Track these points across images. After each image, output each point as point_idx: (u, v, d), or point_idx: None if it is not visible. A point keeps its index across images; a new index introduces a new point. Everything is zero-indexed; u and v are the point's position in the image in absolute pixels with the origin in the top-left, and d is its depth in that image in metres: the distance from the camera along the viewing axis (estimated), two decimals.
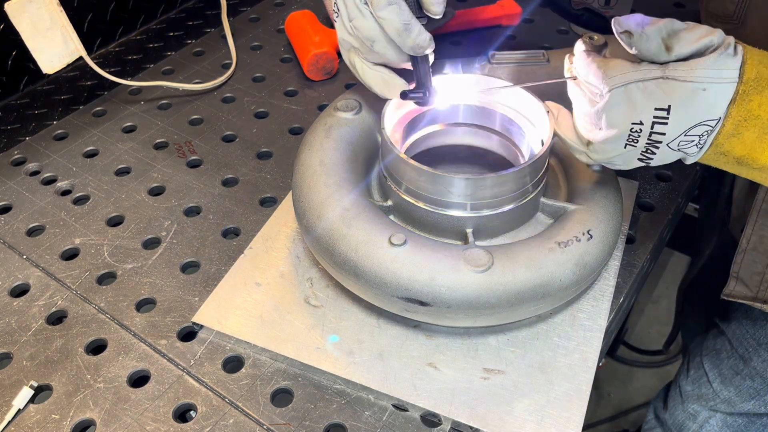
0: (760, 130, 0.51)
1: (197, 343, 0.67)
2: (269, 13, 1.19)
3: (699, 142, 0.53)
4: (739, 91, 0.50)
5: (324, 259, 0.65)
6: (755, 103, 0.50)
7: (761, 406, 0.90)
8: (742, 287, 0.80)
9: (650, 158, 0.56)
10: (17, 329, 0.68)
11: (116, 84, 0.98)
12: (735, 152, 0.53)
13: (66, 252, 0.76)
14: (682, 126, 0.52)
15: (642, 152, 0.55)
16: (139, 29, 1.13)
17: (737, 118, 0.50)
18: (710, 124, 0.51)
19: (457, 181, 0.61)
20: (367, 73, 0.65)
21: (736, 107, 0.50)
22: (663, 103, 0.51)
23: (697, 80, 0.50)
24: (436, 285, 0.58)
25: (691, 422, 1.00)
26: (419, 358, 0.64)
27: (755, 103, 0.50)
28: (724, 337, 0.93)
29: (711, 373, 0.95)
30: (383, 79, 0.65)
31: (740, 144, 0.52)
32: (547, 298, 0.61)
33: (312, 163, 0.67)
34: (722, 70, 0.50)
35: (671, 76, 0.51)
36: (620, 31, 0.53)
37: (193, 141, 0.91)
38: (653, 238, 0.77)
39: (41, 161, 0.88)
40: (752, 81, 0.50)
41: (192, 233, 0.78)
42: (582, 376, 0.63)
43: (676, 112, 0.51)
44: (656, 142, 0.53)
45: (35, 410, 0.61)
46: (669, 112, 0.51)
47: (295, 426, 0.60)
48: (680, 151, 0.54)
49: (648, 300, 1.96)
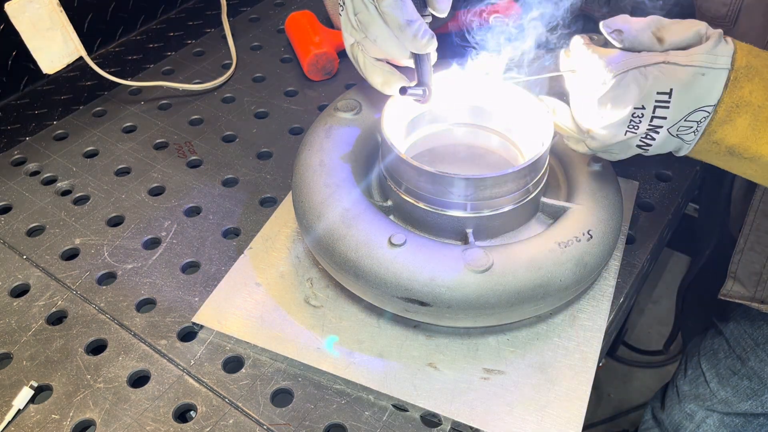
0: (751, 117, 0.52)
1: (197, 343, 0.67)
2: (269, 13, 1.19)
3: (697, 128, 0.54)
4: (730, 78, 0.52)
5: (324, 259, 0.65)
6: (746, 90, 0.52)
7: (758, 406, 0.90)
8: (740, 287, 0.80)
9: (649, 144, 0.57)
10: (17, 329, 0.68)
11: (116, 84, 0.98)
12: (727, 140, 0.54)
13: (66, 252, 0.76)
14: (683, 110, 0.53)
15: (641, 138, 0.56)
16: (139, 29, 1.13)
17: (729, 103, 0.52)
18: (707, 110, 0.53)
19: (457, 181, 0.61)
20: (369, 68, 0.65)
21: (728, 93, 0.52)
22: (665, 87, 0.52)
23: (696, 64, 0.52)
24: (436, 285, 0.58)
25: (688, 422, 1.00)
26: (419, 358, 0.64)
27: (746, 90, 0.52)
28: (722, 337, 0.93)
29: (708, 373, 0.95)
30: (384, 75, 0.65)
31: (732, 131, 0.53)
32: (547, 298, 0.61)
33: (312, 163, 0.67)
34: (718, 56, 0.52)
35: (672, 60, 0.52)
36: (610, 31, 0.55)
37: (193, 141, 0.91)
38: (653, 238, 0.77)
39: (41, 161, 0.88)
40: (743, 69, 0.52)
41: (192, 233, 0.78)
42: (582, 376, 0.63)
43: (677, 96, 0.52)
44: (657, 127, 0.55)
45: (35, 410, 0.61)
46: (671, 96, 0.53)
47: (295, 426, 0.60)
48: (678, 137, 0.55)
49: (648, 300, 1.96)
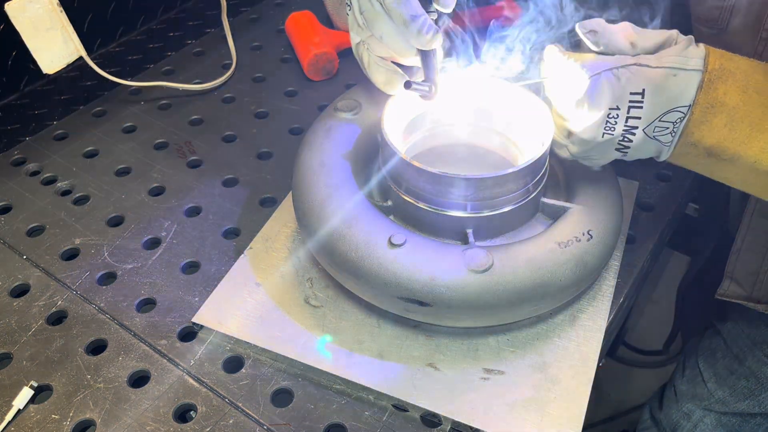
0: (727, 117, 0.53)
1: (197, 344, 0.67)
2: (269, 13, 1.19)
3: (673, 129, 0.55)
4: (704, 80, 0.53)
5: (324, 259, 0.65)
6: (720, 91, 0.53)
7: (755, 406, 0.90)
8: (737, 287, 0.80)
9: (627, 147, 0.58)
10: (17, 329, 0.68)
11: (116, 84, 0.98)
12: (705, 141, 0.55)
13: (66, 252, 0.76)
14: (656, 110, 0.54)
15: (619, 141, 0.57)
16: (139, 29, 1.13)
17: (704, 104, 0.53)
18: (682, 110, 0.54)
19: (457, 181, 0.61)
20: (372, 67, 0.65)
21: (703, 94, 0.53)
22: (638, 87, 0.54)
23: (667, 65, 0.53)
24: (436, 285, 0.58)
25: (685, 422, 1.00)
26: (419, 358, 0.64)
27: (720, 91, 0.53)
28: (719, 337, 0.93)
29: (706, 373, 0.95)
30: (387, 74, 0.65)
31: (709, 131, 0.54)
32: (547, 298, 0.61)
33: (312, 163, 0.67)
34: (689, 58, 0.53)
35: (644, 63, 0.54)
36: (585, 32, 0.57)
37: (193, 141, 0.91)
38: (653, 238, 0.77)
39: (41, 161, 0.88)
40: (716, 71, 0.53)
41: (192, 233, 0.78)
42: (582, 376, 0.63)
43: (650, 96, 0.54)
44: (632, 127, 0.56)
45: (35, 410, 0.61)
46: (643, 96, 0.54)
47: (295, 426, 0.60)
48: (656, 139, 0.56)
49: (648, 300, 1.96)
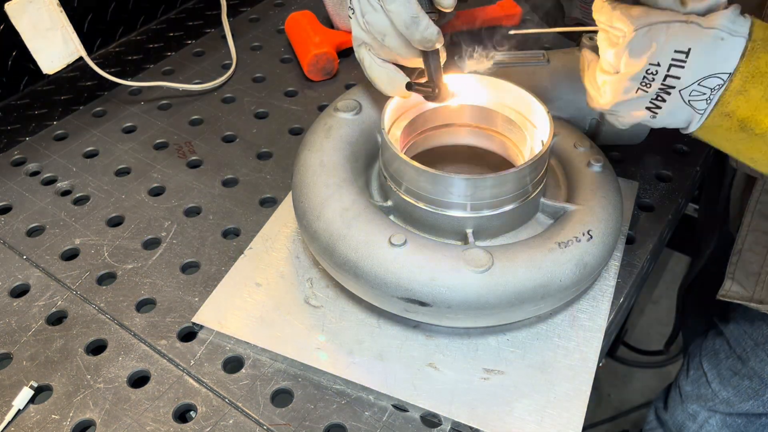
0: (765, 89, 0.52)
1: (197, 344, 0.67)
2: (269, 13, 1.19)
3: (710, 96, 0.54)
4: (748, 48, 0.52)
5: (324, 259, 0.65)
6: (763, 60, 0.51)
7: (759, 406, 0.90)
8: (738, 288, 0.80)
9: (659, 107, 0.56)
10: (17, 329, 0.68)
11: (116, 84, 0.98)
12: (740, 112, 0.54)
13: (66, 252, 0.76)
14: (698, 73, 0.53)
15: (652, 99, 0.56)
16: (139, 29, 1.13)
17: (745, 73, 0.52)
18: (722, 77, 0.53)
19: (457, 181, 0.61)
20: (374, 69, 0.65)
21: (745, 62, 0.52)
22: (684, 46, 0.52)
23: (717, 27, 0.52)
24: (436, 285, 0.58)
25: (690, 422, 1.00)
26: (419, 359, 0.64)
27: (763, 60, 0.51)
28: (722, 337, 0.93)
29: (710, 374, 0.95)
30: (388, 76, 0.65)
31: (746, 102, 0.53)
32: (547, 298, 0.61)
33: (312, 163, 0.67)
34: (737, 25, 0.52)
35: (695, 21, 0.52)
36: None
37: (193, 141, 0.91)
38: (653, 238, 0.77)
39: (41, 161, 0.88)
40: (760, 40, 0.52)
41: (192, 233, 0.78)
42: (582, 376, 0.63)
43: (695, 57, 0.52)
44: (669, 87, 0.54)
45: (35, 410, 0.61)
46: (688, 56, 0.52)
47: (295, 426, 0.60)
48: (690, 105, 0.55)
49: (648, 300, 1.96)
